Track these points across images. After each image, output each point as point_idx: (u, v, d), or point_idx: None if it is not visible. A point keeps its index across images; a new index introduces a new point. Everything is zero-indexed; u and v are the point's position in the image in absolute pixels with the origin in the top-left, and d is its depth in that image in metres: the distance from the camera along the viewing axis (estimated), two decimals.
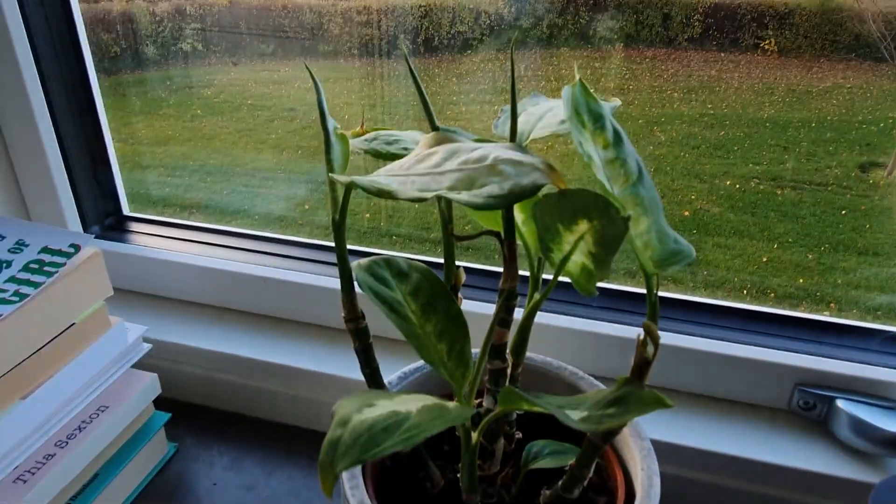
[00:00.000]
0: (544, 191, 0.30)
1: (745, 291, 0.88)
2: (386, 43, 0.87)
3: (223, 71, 1.08)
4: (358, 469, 0.39)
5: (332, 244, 0.70)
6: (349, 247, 0.39)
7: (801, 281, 0.87)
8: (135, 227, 0.77)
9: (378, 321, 0.41)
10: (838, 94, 0.85)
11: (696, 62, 0.90)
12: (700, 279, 0.88)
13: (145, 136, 1.07)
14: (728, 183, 0.94)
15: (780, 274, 0.87)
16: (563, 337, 0.59)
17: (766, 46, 0.80)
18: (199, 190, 1.13)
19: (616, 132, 0.33)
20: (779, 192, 0.91)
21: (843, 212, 0.88)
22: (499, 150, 0.30)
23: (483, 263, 0.67)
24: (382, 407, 0.28)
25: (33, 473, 0.47)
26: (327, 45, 0.94)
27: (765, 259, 0.89)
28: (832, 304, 0.84)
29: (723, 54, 0.87)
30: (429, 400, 0.30)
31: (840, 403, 0.52)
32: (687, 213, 0.94)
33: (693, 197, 0.95)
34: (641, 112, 0.96)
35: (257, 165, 1.14)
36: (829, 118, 0.89)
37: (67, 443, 0.50)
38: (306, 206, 1.10)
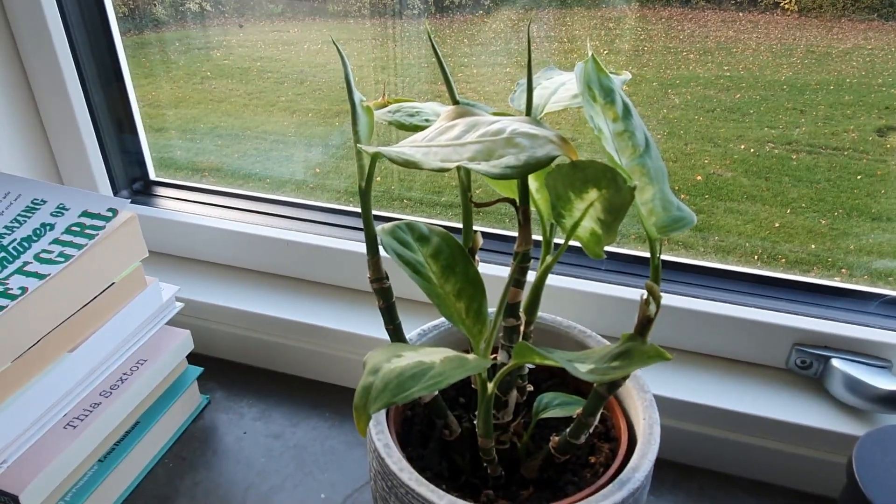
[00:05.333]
0: (557, 161, 0.32)
1: (756, 257, 0.88)
2: (397, 2, 0.86)
3: (231, 32, 1.05)
4: (383, 418, 0.43)
5: (349, 208, 0.73)
6: None
7: (812, 247, 0.87)
8: (161, 191, 0.80)
9: (399, 283, 0.44)
10: (859, 55, 0.84)
11: (714, 22, 0.88)
12: (711, 244, 0.88)
13: (155, 98, 1.06)
14: (742, 147, 0.93)
15: (792, 239, 0.87)
16: (574, 298, 0.61)
17: (786, 6, 0.78)
18: (210, 153, 1.13)
19: (625, 106, 0.35)
20: (794, 156, 0.90)
21: (859, 176, 0.87)
22: (515, 124, 0.32)
23: (498, 228, 0.69)
24: (409, 357, 0.31)
25: (82, 420, 0.51)
26: (336, 4, 0.93)
27: (777, 224, 0.89)
28: (843, 270, 0.85)
29: (741, 14, 0.86)
30: (450, 352, 0.33)
31: (835, 362, 0.55)
32: (700, 178, 0.94)
33: (706, 161, 0.95)
34: (656, 74, 0.95)
35: (267, 128, 1.13)
36: (848, 80, 0.87)
37: (111, 393, 0.54)
38: (317, 170, 1.11)
